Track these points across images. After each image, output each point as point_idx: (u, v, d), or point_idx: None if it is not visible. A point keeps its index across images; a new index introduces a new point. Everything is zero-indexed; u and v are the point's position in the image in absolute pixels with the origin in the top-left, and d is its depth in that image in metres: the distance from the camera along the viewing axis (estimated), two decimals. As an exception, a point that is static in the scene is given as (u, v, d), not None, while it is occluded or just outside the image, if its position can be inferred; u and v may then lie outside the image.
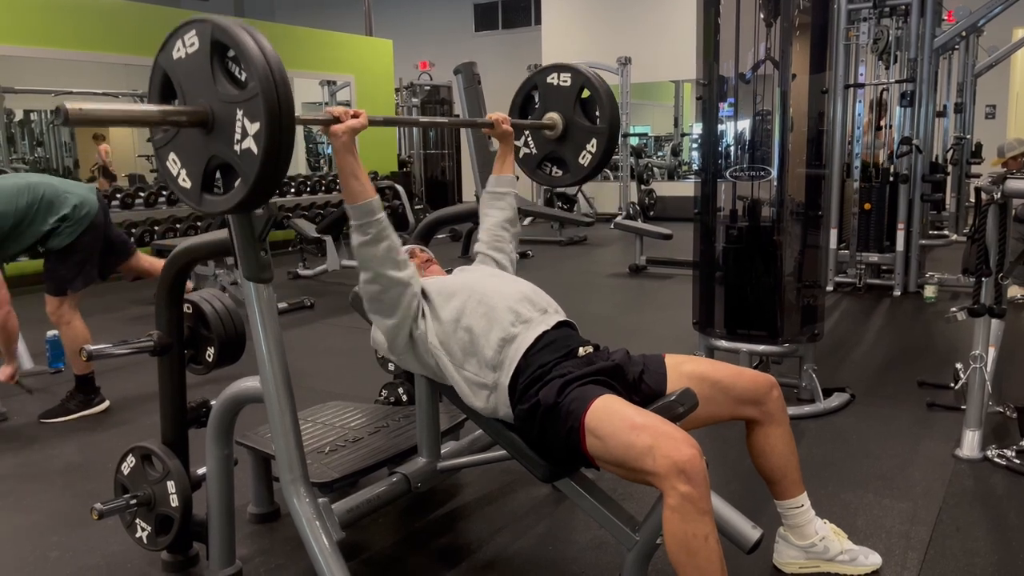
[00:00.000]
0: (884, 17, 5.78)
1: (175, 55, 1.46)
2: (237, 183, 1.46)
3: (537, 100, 2.46)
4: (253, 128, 1.39)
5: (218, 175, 1.52)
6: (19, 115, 9.34)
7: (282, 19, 14.04)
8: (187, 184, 1.53)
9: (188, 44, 1.45)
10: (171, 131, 1.54)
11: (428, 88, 11.41)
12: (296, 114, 1.45)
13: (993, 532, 2.31)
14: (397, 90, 11.25)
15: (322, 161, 11.30)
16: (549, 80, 2.42)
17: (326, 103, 10.41)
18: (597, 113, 2.38)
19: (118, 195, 7.05)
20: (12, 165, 8.02)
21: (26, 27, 6.85)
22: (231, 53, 1.41)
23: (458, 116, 11.84)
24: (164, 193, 7.37)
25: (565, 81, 2.39)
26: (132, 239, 6.84)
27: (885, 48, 5.82)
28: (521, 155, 2.40)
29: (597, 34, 11.58)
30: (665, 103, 13.95)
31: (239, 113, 1.41)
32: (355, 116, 1.75)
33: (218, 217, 1.71)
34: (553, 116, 2.41)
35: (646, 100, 14.02)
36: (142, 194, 7.20)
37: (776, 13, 3.26)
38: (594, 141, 2.38)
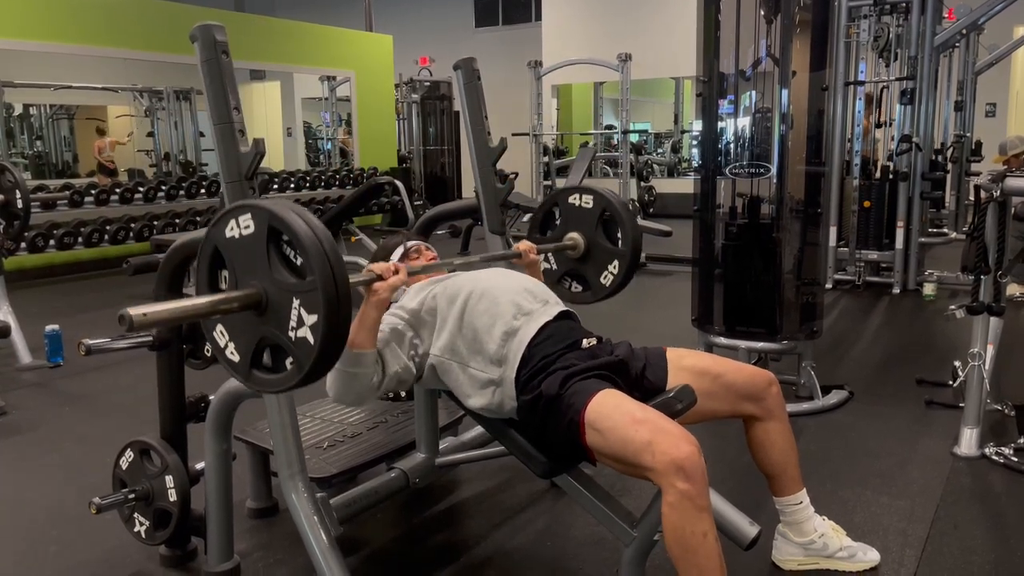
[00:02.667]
0: (884, 14, 5.77)
1: (228, 233, 1.46)
2: (289, 365, 1.44)
3: (558, 217, 2.47)
4: (310, 319, 1.38)
5: (267, 352, 1.50)
6: (18, 109, 9.33)
7: (282, 14, 14.01)
8: (235, 358, 1.51)
9: (243, 226, 1.43)
10: None
11: (428, 84, 11.40)
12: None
13: (991, 530, 2.31)
14: (397, 86, 11.25)
15: (322, 157, 11.29)
16: (571, 200, 2.42)
17: (326, 98, 10.41)
18: (619, 235, 2.38)
19: (117, 190, 7.04)
20: (11, 160, 8.00)
21: (26, 21, 6.84)
22: (286, 237, 1.40)
23: (457, 112, 11.85)
24: (163, 188, 7.37)
25: (587, 203, 2.40)
26: (131, 234, 6.89)
27: (885, 46, 5.81)
28: (542, 269, 2.41)
29: (597, 30, 11.57)
30: (665, 100, 13.94)
31: (296, 302, 1.39)
32: (395, 272, 1.75)
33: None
34: (575, 236, 2.42)
35: (646, 97, 14.01)
36: (141, 189, 7.20)
37: (776, 10, 3.26)
38: (616, 263, 2.38)
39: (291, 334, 1.41)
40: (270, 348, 1.47)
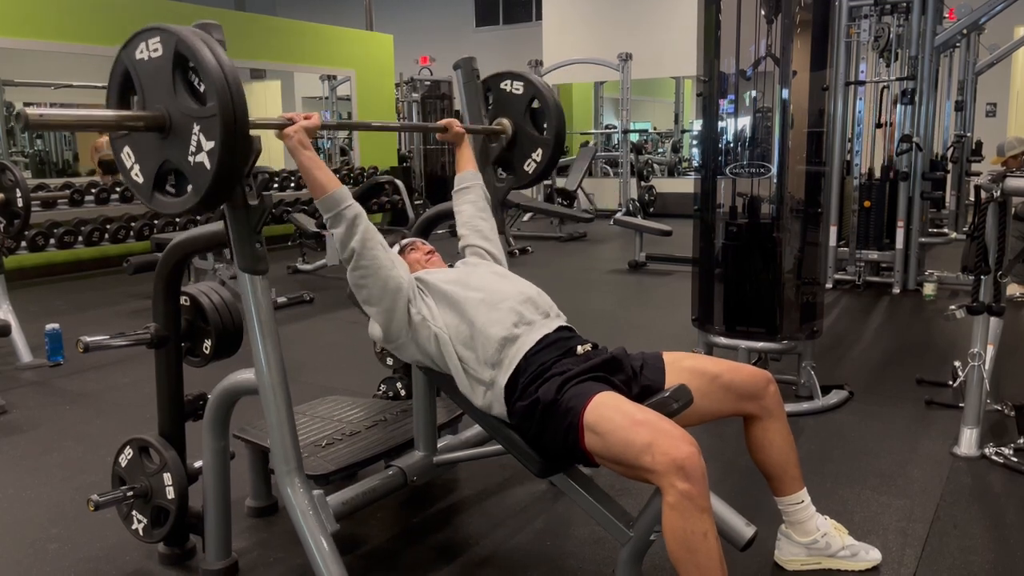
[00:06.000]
0: (885, 14, 5.77)
1: (138, 55, 1.51)
2: (189, 189, 1.51)
3: (490, 103, 2.57)
4: (208, 145, 1.44)
5: (171, 176, 1.57)
6: (19, 108, 9.32)
7: (283, 13, 14.02)
8: (140, 180, 1.59)
9: (152, 48, 1.49)
10: None
11: (428, 83, 11.40)
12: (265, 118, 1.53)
13: (990, 529, 2.31)
14: (397, 85, 11.23)
15: (322, 155, 11.29)
16: (503, 86, 2.53)
17: (326, 97, 10.40)
18: (545, 124, 2.48)
19: (117, 189, 7.03)
20: (12, 159, 8.00)
21: (27, 19, 6.83)
22: (192, 64, 1.45)
23: (457, 111, 11.85)
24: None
25: (517, 89, 2.50)
26: (132, 233, 6.89)
27: (886, 46, 5.81)
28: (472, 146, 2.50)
29: (598, 30, 11.57)
30: (666, 99, 13.94)
31: (196, 128, 1.45)
32: (307, 118, 1.82)
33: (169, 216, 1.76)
34: (503, 122, 2.53)
35: (647, 96, 14.01)
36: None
37: (777, 10, 3.26)
38: (539, 151, 2.50)
39: (190, 159, 1.47)
40: (173, 173, 1.54)
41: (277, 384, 1.82)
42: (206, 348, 2.16)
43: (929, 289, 5.46)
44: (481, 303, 1.90)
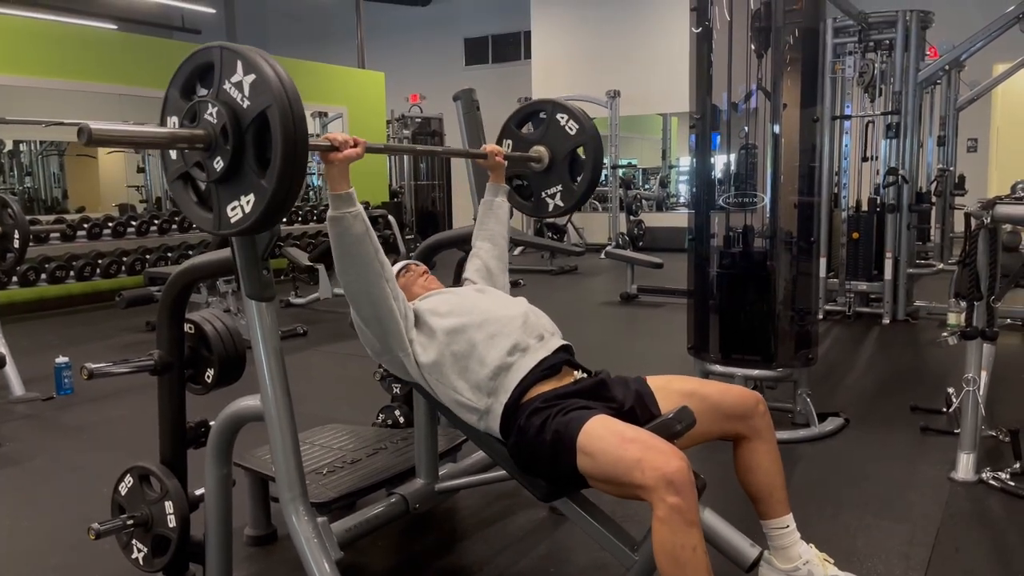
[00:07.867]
0: (869, 51, 5.91)
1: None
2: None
3: (539, 124, 2.52)
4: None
5: None
6: (9, 145, 9.32)
7: (274, 51, 14.15)
8: (208, 215, 1.62)
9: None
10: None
11: (419, 120, 11.52)
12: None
13: (992, 552, 2.32)
14: (389, 122, 11.33)
15: (311, 192, 11.34)
16: (559, 116, 2.46)
17: (317, 135, 10.48)
18: (579, 177, 2.46)
19: (110, 223, 7.03)
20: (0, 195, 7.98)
21: (17, 56, 6.87)
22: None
23: (449, 147, 11.94)
24: (155, 222, 7.36)
25: (571, 129, 2.46)
26: (124, 267, 6.88)
27: (871, 81, 5.94)
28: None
29: (586, 68, 11.74)
30: (652, 136, 14.12)
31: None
32: (354, 145, 1.81)
33: (227, 237, 1.73)
34: (540, 150, 2.48)
35: (634, 133, 14.17)
36: (133, 223, 7.20)
37: (767, 45, 3.33)
38: (559, 196, 2.49)
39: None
40: None
41: (283, 410, 1.81)
42: (208, 376, 2.15)
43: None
44: (475, 330, 1.91)
